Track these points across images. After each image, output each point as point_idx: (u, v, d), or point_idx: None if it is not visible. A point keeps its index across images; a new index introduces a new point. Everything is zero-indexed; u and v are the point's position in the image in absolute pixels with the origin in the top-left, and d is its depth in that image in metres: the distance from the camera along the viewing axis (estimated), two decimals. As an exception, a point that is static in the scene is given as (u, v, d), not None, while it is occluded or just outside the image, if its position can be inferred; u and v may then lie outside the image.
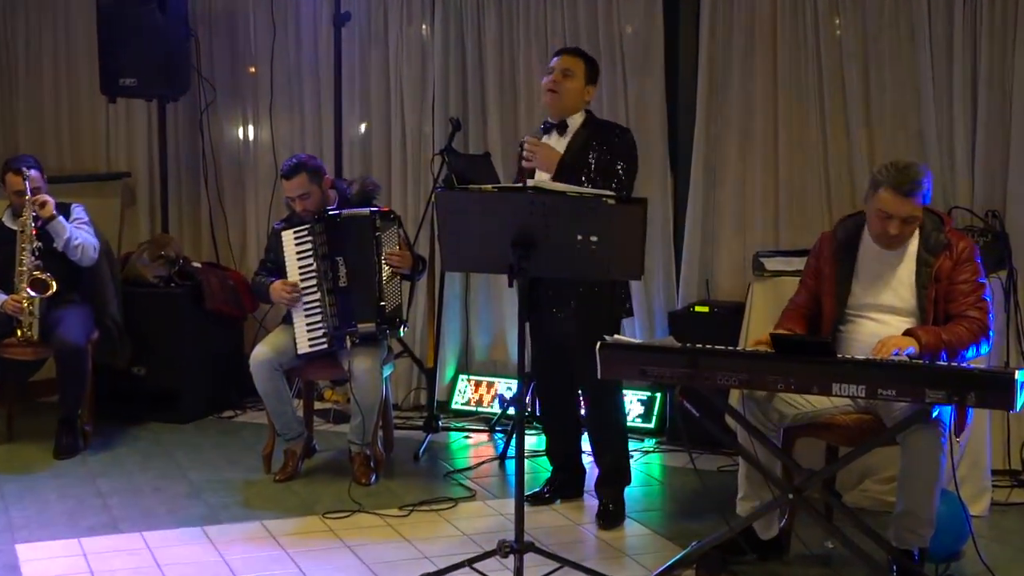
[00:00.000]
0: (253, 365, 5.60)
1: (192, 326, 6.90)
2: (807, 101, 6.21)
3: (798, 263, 5.23)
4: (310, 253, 5.65)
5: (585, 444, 5.49)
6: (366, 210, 5.68)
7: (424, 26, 7.14)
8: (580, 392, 5.39)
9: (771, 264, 5.67)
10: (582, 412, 5.43)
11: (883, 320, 4.48)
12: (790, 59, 6.24)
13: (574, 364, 5.15)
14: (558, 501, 5.39)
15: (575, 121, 5.10)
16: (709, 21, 6.39)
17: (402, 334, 5.87)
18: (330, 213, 5.66)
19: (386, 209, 5.73)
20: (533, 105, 6.79)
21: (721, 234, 6.53)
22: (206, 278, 6.97)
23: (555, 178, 4.88)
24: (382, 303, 5.62)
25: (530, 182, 4.28)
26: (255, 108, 7.71)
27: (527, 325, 4.86)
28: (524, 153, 5.06)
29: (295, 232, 5.69)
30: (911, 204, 4.35)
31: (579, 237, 4.07)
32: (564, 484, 5.46)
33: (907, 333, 4.30)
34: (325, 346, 5.63)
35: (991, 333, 4.41)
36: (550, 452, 5.57)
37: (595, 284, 5.00)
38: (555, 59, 5.18)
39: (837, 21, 6.12)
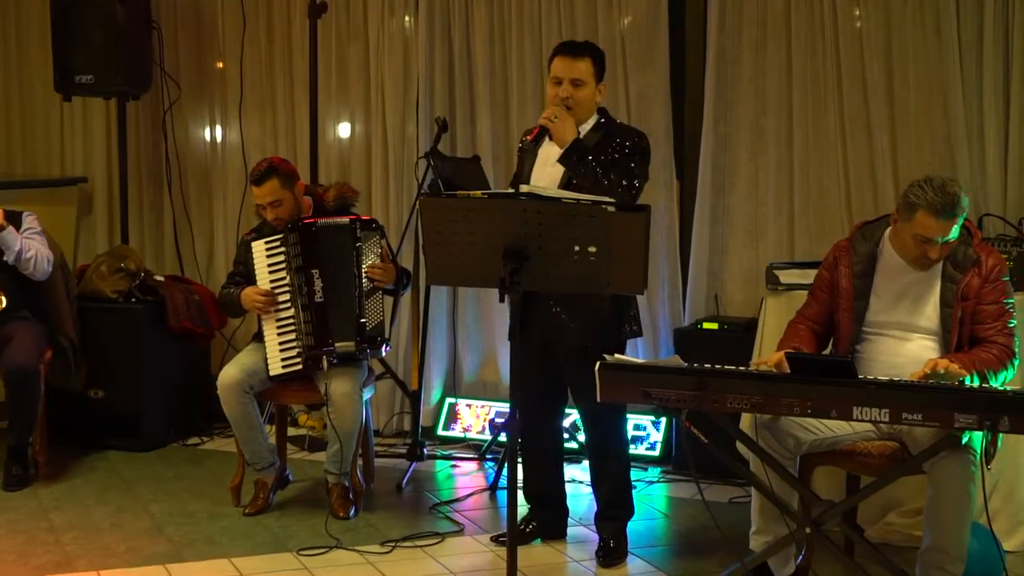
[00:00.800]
0: (221, 388, 5.58)
1: (154, 345, 6.87)
2: (825, 98, 6.22)
3: (815, 275, 5.22)
4: (283, 265, 5.63)
5: (583, 474, 5.47)
6: (345, 218, 5.67)
7: (407, 18, 7.14)
8: (580, 416, 5.37)
9: (786, 277, 5.66)
10: (579, 438, 5.40)
11: (903, 339, 4.48)
12: (806, 53, 6.24)
13: (571, 383, 5.13)
14: (537, 541, 5.34)
15: (586, 127, 5.04)
16: (718, 11, 6.40)
17: (384, 354, 5.85)
18: (305, 222, 5.65)
19: (367, 217, 5.72)
20: (526, 104, 6.78)
21: (731, 244, 6.53)
22: (169, 293, 6.95)
23: (563, 158, 4.87)
24: (362, 320, 5.60)
25: (523, 188, 4.25)
26: (223, 107, 7.70)
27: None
28: (545, 114, 4.97)
29: (267, 242, 5.68)
30: (952, 228, 4.35)
31: (576, 248, 4.06)
32: (545, 523, 5.38)
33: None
34: (299, 367, 5.61)
35: (1015, 360, 4.41)
36: (524, 484, 5.38)
37: (605, 298, 4.98)
38: (557, 62, 5.04)
39: (857, 12, 6.13)
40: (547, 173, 4.97)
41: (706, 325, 6.25)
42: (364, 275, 5.61)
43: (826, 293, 4.69)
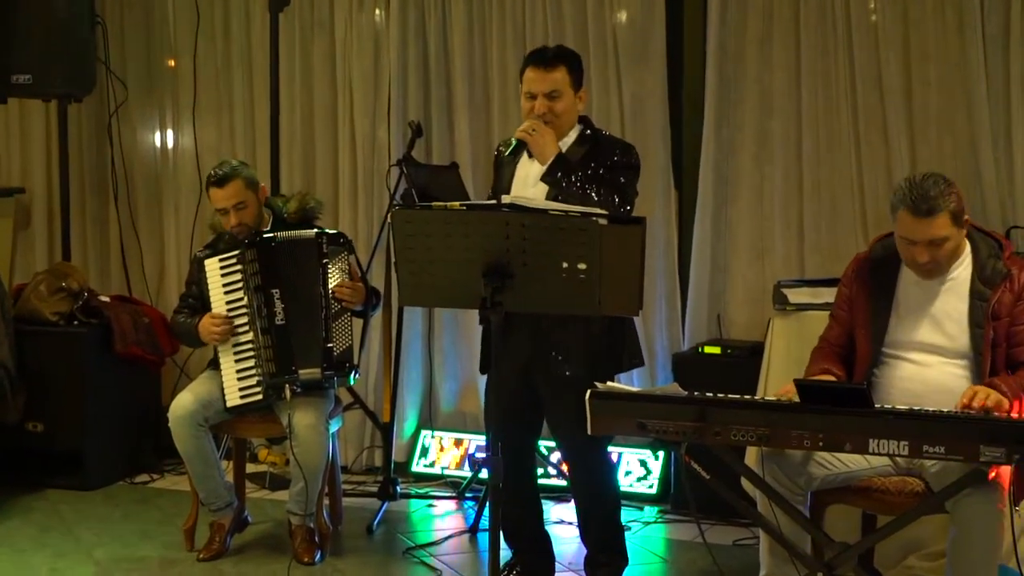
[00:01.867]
0: (173, 420, 5.57)
1: (99, 373, 6.87)
2: (837, 99, 6.25)
3: (827, 294, 5.24)
4: (239, 285, 5.63)
5: (569, 513, 5.46)
6: (311, 232, 5.67)
7: (378, 11, 7.16)
8: (562, 452, 5.34)
9: (795, 296, 5.67)
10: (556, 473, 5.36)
11: (925, 362, 4.48)
12: (816, 49, 6.27)
13: (552, 415, 5.11)
14: None
15: (568, 139, 5.04)
16: (719, 3, 6.43)
17: (353, 382, 5.84)
18: (264, 236, 5.65)
19: (334, 231, 5.73)
20: (508, 106, 6.81)
21: (735, 260, 6.55)
22: (116, 316, 6.95)
23: (545, 176, 4.88)
24: (329, 344, 5.60)
25: (506, 198, 4.25)
26: (175, 109, 7.71)
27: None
28: (523, 127, 4.96)
29: (221, 260, 5.68)
30: (933, 225, 4.34)
31: (564, 264, 4.07)
32: (530, 568, 5.36)
33: (987, 385, 4.27)
34: (259, 397, 5.60)
35: None
36: (503, 527, 5.30)
37: (605, 321, 4.99)
38: (528, 74, 5.02)
39: (872, 4, 6.17)
40: (530, 194, 4.96)
41: (707, 349, 6.27)
42: (331, 295, 5.61)
43: (846, 311, 4.70)
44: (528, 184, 4.98)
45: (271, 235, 5.65)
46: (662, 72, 6.59)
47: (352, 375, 5.72)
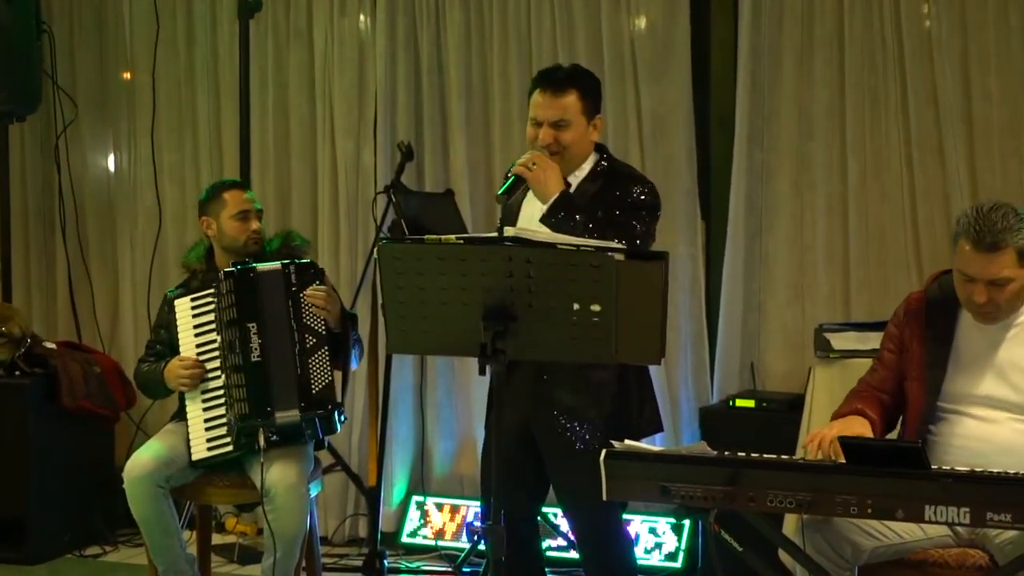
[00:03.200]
0: (129, 480, 5.56)
1: (44, 430, 6.87)
2: (886, 118, 6.27)
3: (876, 340, 5.22)
4: (212, 327, 5.66)
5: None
6: (277, 264, 5.70)
7: (363, 17, 7.19)
8: (570, 524, 5.31)
9: (840, 341, 5.68)
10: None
11: (989, 417, 4.47)
12: (862, 60, 6.30)
13: (558, 479, 5.08)
14: None
15: (580, 173, 4.98)
16: (751, 9, 6.46)
17: (339, 427, 5.81)
18: (240, 267, 5.67)
19: (304, 261, 5.75)
20: (511, 125, 6.83)
21: (771, 300, 6.56)
22: (63, 365, 6.95)
23: (546, 217, 4.80)
24: (310, 383, 5.60)
25: (509, 231, 4.24)
26: (131, 129, 7.73)
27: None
28: (521, 160, 4.87)
29: (193, 299, 5.71)
30: (996, 262, 4.33)
31: (575, 306, 4.06)
32: None
33: None
34: (229, 448, 5.60)
35: None
36: None
37: (615, 375, 4.98)
38: (535, 98, 4.95)
39: (926, 9, 6.19)
40: (536, 224, 4.96)
41: (740, 402, 6.26)
42: (303, 297, 5.62)
43: (895, 353, 4.69)
44: (532, 226, 4.90)
45: (249, 266, 5.68)
46: (686, 86, 6.62)
47: (337, 416, 5.70)
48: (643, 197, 4.90)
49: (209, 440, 5.61)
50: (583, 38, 6.63)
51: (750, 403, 6.23)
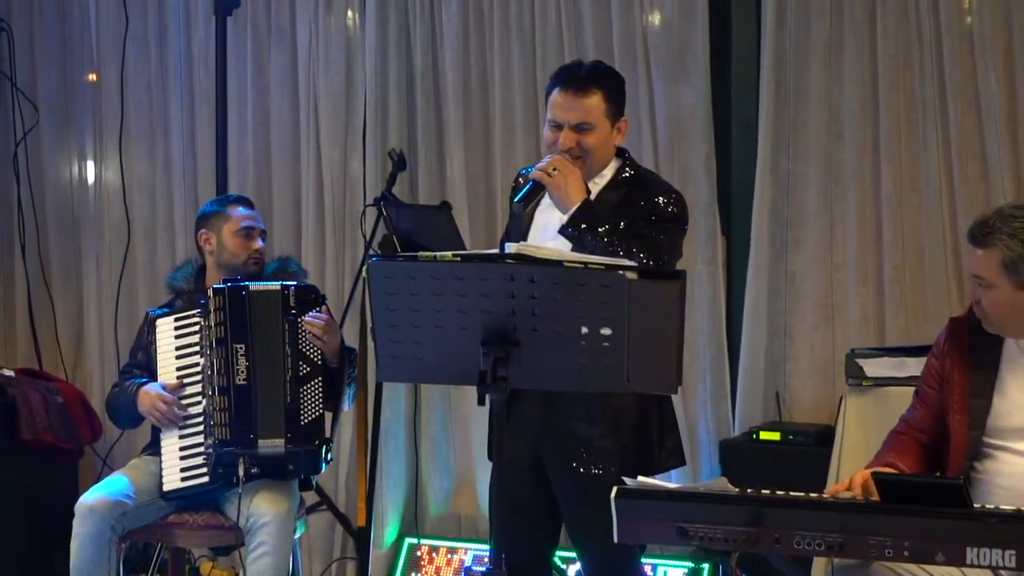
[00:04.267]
0: (76, 519, 5.51)
1: (1, 465, 6.88)
2: (923, 121, 6.27)
3: (914, 366, 5.25)
4: (196, 349, 5.67)
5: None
6: (276, 284, 5.70)
7: (351, 14, 7.21)
8: (582, 566, 5.32)
9: (873, 368, 5.68)
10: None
11: (1039, 454, 4.50)
12: (897, 58, 6.31)
13: (570, 518, 5.08)
14: None
15: (602, 180, 4.98)
16: (775, 2, 6.47)
17: (325, 466, 5.82)
18: (233, 285, 5.67)
19: (304, 284, 5.77)
20: (513, 132, 6.84)
21: (798, 322, 6.57)
22: (22, 394, 6.94)
23: (566, 228, 4.76)
24: (299, 413, 5.60)
25: (511, 247, 4.23)
26: (98, 136, 7.75)
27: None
28: (541, 165, 4.81)
29: (177, 319, 5.72)
30: (982, 260, 4.38)
31: (584, 329, 4.05)
32: None
33: None
34: (205, 479, 5.59)
35: None
36: None
37: (640, 398, 4.95)
38: (556, 99, 4.91)
39: (967, 3, 6.20)
40: (550, 237, 4.94)
41: (764, 435, 6.26)
42: (300, 333, 5.62)
43: (936, 389, 4.69)
44: (547, 237, 4.90)
45: (243, 284, 5.68)
46: (705, 87, 6.62)
47: (324, 452, 5.70)
48: (670, 208, 4.87)
49: (183, 470, 5.61)
50: (591, 35, 6.64)
51: (775, 436, 6.24)
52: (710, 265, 6.61)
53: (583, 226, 4.73)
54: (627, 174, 4.97)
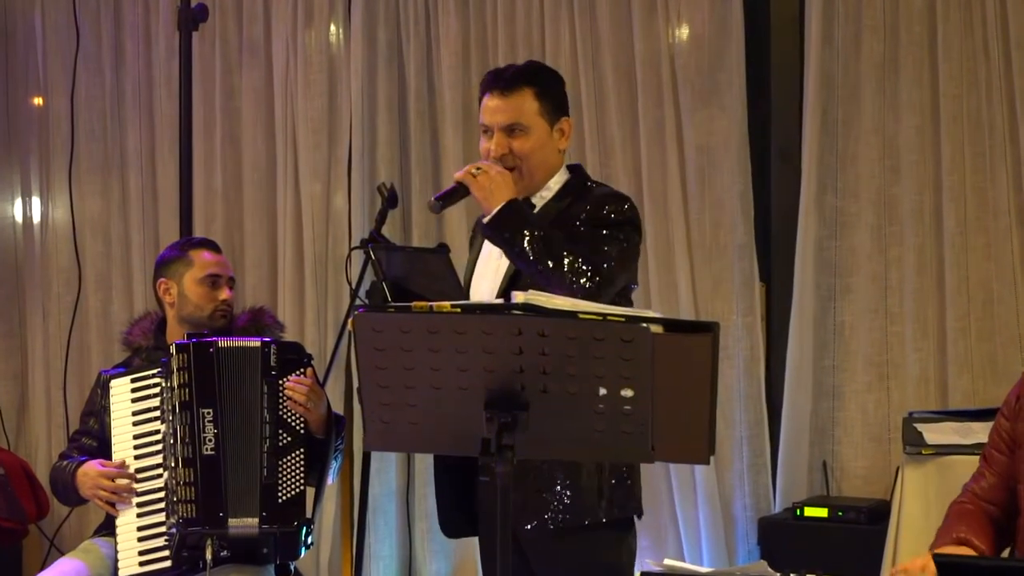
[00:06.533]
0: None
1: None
2: (991, 153, 6.29)
3: (981, 432, 5.25)
4: (156, 415, 5.65)
5: None
6: (255, 340, 5.70)
7: (334, 29, 7.25)
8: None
9: (934, 434, 5.68)
10: None
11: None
12: (960, 79, 6.33)
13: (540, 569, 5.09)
14: None
15: (547, 193, 5.01)
16: (821, 15, 6.49)
17: (305, 550, 5.81)
18: (199, 340, 5.66)
19: (289, 341, 5.78)
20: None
21: (848, 382, 6.56)
22: (-43, 464, 6.98)
23: (488, 231, 4.80)
24: (276, 489, 5.60)
25: (517, 295, 4.23)
26: (44, 169, 7.78)
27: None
28: (466, 168, 4.84)
29: (134, 380, 5.70)
30: None
31: (602, 391, 4.05)
32: None
33: None
34: (167, 563, 5.58)
35: None
36: None
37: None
38: (485, 101, 4.96)
39: (1040, 15, 6.23)
40: (491, 268, 4.99)
41: (809, 511, 6.25)
42: (281, 398, 5.61)
43: (1006, 455, 4.70)
44: (492, 256, 5.00)
45: (212, 339, 5.67)
46: (741, 114, 6.65)
47: (304, 535, 5.69)
48: (615, 216, 4.87)
49: (142, 553, 5.58)
50: (610, 52, 6.66)
51: (822, 512, 6.23)
52: (747, 316, 6.62)
53: (506, 235, 4.75)
54: (577, 184, 4.99)
